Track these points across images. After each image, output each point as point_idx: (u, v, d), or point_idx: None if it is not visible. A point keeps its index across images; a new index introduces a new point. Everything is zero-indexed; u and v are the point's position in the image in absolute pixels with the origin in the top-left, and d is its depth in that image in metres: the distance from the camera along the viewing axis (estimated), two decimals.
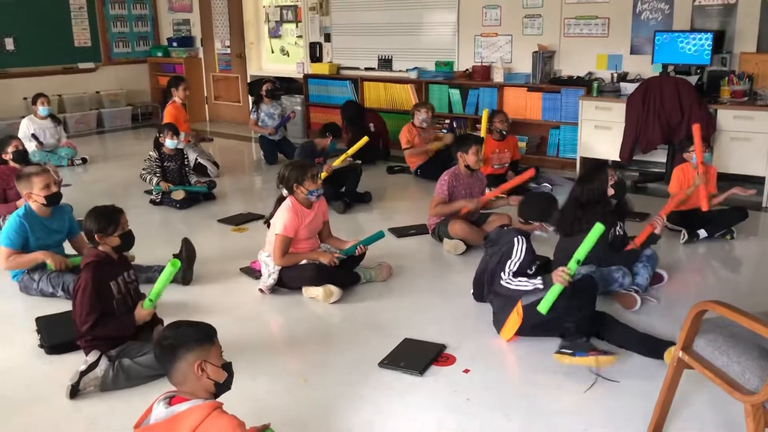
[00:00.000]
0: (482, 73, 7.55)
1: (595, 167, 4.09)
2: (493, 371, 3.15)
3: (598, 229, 3.15)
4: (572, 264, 3.15)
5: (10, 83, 9.29)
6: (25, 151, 5.39)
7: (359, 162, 6.38)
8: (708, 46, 6.04)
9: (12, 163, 5.37)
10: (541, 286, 3.23)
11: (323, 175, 5.88)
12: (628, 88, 6.40)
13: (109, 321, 3.10)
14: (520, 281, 3.30)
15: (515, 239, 3.37)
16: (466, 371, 3.14)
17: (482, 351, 3.32)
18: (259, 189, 6.97)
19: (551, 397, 2.92)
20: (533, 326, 3.29)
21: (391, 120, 8.23)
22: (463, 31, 7.81)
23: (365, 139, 6.12)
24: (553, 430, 2.69)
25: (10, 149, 5.35)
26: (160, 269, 4.21)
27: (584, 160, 6.65)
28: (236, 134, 9.59)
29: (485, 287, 3.62)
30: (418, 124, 6.81)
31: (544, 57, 7.10)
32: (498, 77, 7.44)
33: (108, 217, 3.19)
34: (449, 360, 3.24)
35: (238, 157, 8.47)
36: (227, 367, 2.25)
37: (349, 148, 6.16)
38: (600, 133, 6.54)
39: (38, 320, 3.57)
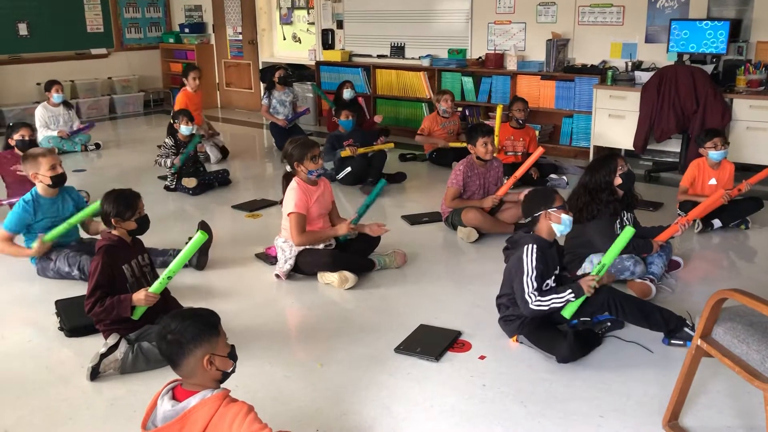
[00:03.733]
0: (495, 61, 7.53)
1: (605, 156, 4.08)
2: (508, 358, 3.16)
3: (628, 232, 3.13)
4: (597, 269, 3.14)
5: (24, 68, 9.34)
6: (30, 142, 5.38)
7: (392, 144, 6.40)
8: (724, 35, 6.00)
9: (16, 150, 5.40)
10: (573, 299, 3.09)
11: (345, 153, 5.92)
12: (643, 76, 6.37)
13: (106, 300, 3.05)
14: (553, 299, 3.10)
15: (524, 249, 3.17)
16: (482, 358, 3.15)
17: (498, 338, 3.33)
18: (271, 176, 6.98)
19: (566, 384, 2.93)
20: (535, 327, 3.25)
21: (404, 108, 8.23)
22: (476, 18, 7.78)
23: (391, 144, 6.23)
24: (569, 417, 2.70)
25: (17, 136, 5.37)
26: (176, 253, 4.24)
27: (597, 149, 6.63)
28: (248, 121, 9.61)
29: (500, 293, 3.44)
30: (441, 113, 6.81)
31: (557, 45, 7.06)
32: (511, 65, 7.42)
33: (126, 202, 3.21)
34: (465, 346, 3.25)
35: (250, 144, 8.48)
36: (232, 353, 2.18)
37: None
38: (614, 122, 6.52)
39: (58, 303, 3.60)
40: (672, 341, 3.20)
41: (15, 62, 9.28)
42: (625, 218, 3.95)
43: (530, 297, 3.09)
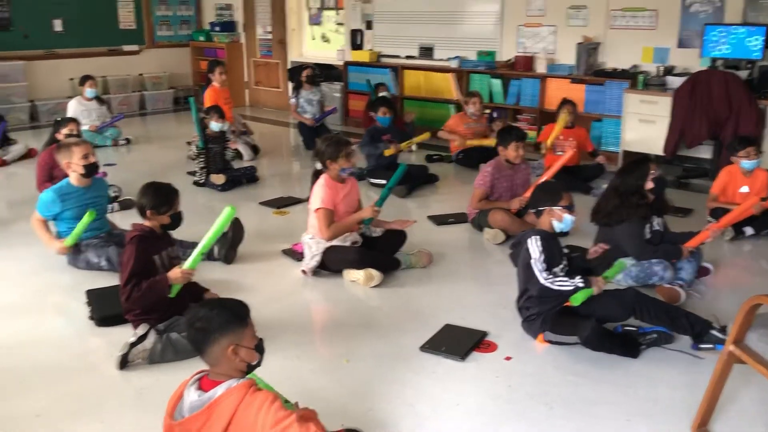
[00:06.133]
0: (525, 63, 7.49)
1: (637, 160, 4.04)
2: (534, 360, 3.15)
3: (620, 265, 3.44)
4: (608, 274, 3.28)
5: (58, 64, 9.49)
6: (77, 136, 5.48)
7: (428, 134, 6.42)
8: (760, 40, 5.90)
9: None
10: (581, 285, 3.15)
11: (389, 152, 5.93)
12: (675, 81, 6.30)
13: (143, 283, 3.09)
14: (561, 281, 3.17)
15: (528, 239, 3.24)
16: (508, 359, 3.14)
17: (524, 340, 3.31)
18: (299, 174, 7.02)
19: (593, 387, 2.91)
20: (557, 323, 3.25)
21: (431, 109, 8.23)
22: (506, 20, 7.75)
23: (428, 134, 6.27)
24: (596, 419, 2.68)
25: (65, 131, 5.46)
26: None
27: (627, 153, 6.56)
28: (275, 119, 9.67)
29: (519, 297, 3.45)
30: (469, 116, 6.79)
31: (588, 49, 7.01)
32: (541, 68, 7.38)
33: (164, 196, 3.26)
34: (490, 347, 3.24)
35: (277, 142, 8.53)
36: (259, 346, 2.19)
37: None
38: (644, 127, 6.45)
39: (89, 293, 3.66)
40: (701, 346, 3.17)
41: (50, 57, 9.44)
42: (655, 223, 3.92)
43: (541, 274, 3.17)
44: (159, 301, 3.16)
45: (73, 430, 2.63)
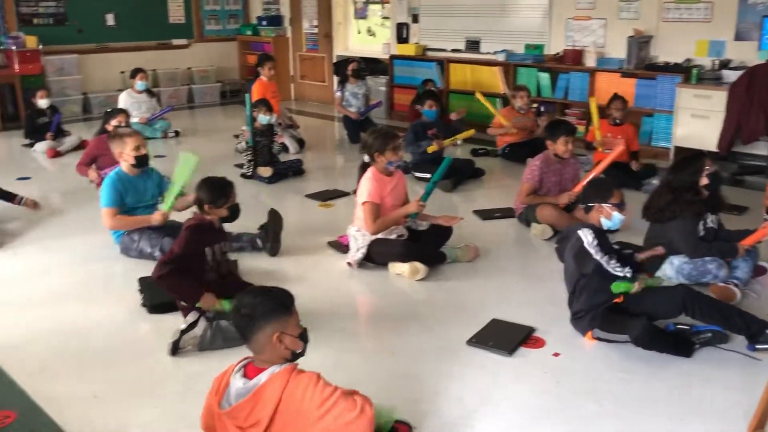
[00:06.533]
0: (573, 57, 7.38)
1: (691, 155, 3.95)
2: (583, 357, 3.10)
3: (658, 280, 3.43)
4: (648, 282, 3.24)
5: (110, 57, 9.71)
6: (127, 127, 5.61)
7: (472, 131, 6.39)
8: None
9: None
10: (629, 275, 3.14)
11: (432, 148, 5.91)
12: (730, 75, 6.12)
13: (183, 278, 3.14)
14: (615, 264, 3.15)
15: (579, 234, 3.19)
16: (556, 355, 3.10)
17: (572, 336, 3.27)
18: (343, 167, 7.05)
19: (644, 385, 2.86)
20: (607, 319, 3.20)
21: (477, 103, 8.14)
22: (555, 13, 7.64)
23: (472, 131, 6.26)
24: (647, 418, 2.63)
25: (114, 122, 5.60)
26: (249, 238, 4.33)
27: (678, 149, 6.40)
28: (320, 113, 9.72)
29: (569, 294, 3.39)
30: (516, 110, 6.73)
31: (639, 42, 6.86)
32: (590, 62, 7.26)
33: (220, 190, 3.32)
34: (538, 342, 3.21)
35: (322, 136, 8.58)
36: (303, 335, 2.21)
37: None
38: (697, 123, 6.29)
39: (141, 281, 3.74)
40: (757, 347, 3.08)
41: (102, 51, 9.67)
42: (709, 220, 3.82)
43: (596, 253, 3.13)
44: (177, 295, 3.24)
45: (129, 412, 2.69)
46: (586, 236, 3.17)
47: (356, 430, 2.03)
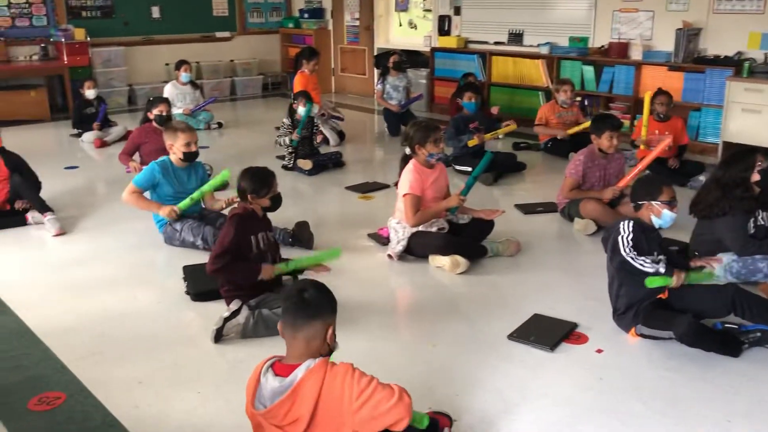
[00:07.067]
0: (619, 50, 7.24)
1: (742, 151, 3.84)
2: (627, 354, 3.05)
3: (709, 275, 3.27)
4: (690, 278, 3.12)
5: (154, 49, 9.88)
6: (168, 117, 5.72)
7: (514, 125, 6.33)
8: None
9: (154, 124, 5.73)
10: (662, 270, 3.04)
11: (472, 142, 5.87)
12: None
13: (236, 265, 3.20)
14: (643, 260, 3.06)
15: (620, 223, 3.16)
16: (599, 351, 3.06)
17: (615, 333, 3.22)
18: (383, 160, 7.06)
19: (690, 384, 2.80)
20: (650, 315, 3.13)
21: (519, 96, 8.08)
22: (600, 6, 7.50)
23: (513, 126, 6.20)
24: (693, 418, 2.58)
25: (156, 111, 5.69)
26: (283, 233, 4.32)
27: (727, 144, 6.24)
28: (360, 106, 9.74)
29: (610, 296, 3.34)
30: (560, 104, 6.63)
31: (688, 34, 6.70)
32: (636, 55, 7.11)
33: (262, 180, 3.35)
34: (581, 339, 3.17)
35: (362, 128, 8.59)
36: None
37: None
38: (748, 117, 6.12)
39: (185, 269, 3.81)
40: None
41: (147, 43, 9.84)
42: (760, 217, 3.71)
43: (624, 248, 3.07)
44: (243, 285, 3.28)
45: (172, 397, 2.74)
46: (624, 229, 3.12)
47: (395, 417, 2.02)
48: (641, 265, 3.06)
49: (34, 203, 4.74)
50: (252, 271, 3.24)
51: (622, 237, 3.10)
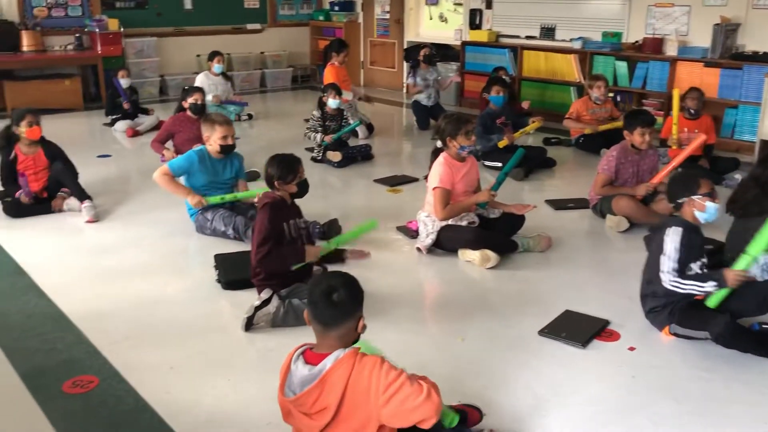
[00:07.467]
0: (653, 45, 7.13)
1: None
2: (660, 353, 3.01)
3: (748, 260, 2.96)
4: (743, 263, 2.95)
5: (186, 41, 9.95)
6: (203, 105, 5.77)
7: (538, 122, 6.29)
8: None
9: (188, 113, 5.78)
10: (712, 290, 2.95)
11: (502, 143, 5.82)
12: None
13: (281, 249, 3.21)
14: (691, 285, 2.96)
15: (666, 231, 3.05)
16: (632, 349, 3.02)
17: (648, 331, 3.17)
18: (412, 153, 7.04)
19: (725, 385, 2.75)
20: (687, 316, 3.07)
21: (551, 91, 8.00)
22: (635, 0, 7.38)
23: (538, 123, 6.17)
24: (729, 420, 2.53)
25: (191, 100, 5.74)
26: (313, 225, 4.31)
27: (765, 143, 6.11)
28: (389, 99, 9.72)
29: (643, 284, 3.28)
30: (593, 100, 6.55)
31: (726, 30, 6.56)
32: (671, 51, 7.00)
33: (288, 166, 3.35)
34: (613, 336, 3.13)
35: (391, 122, 8.58)
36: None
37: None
38: None
39: (217, 257, 3.83)
40: None
41: (179, 35, 9.92)
42: None
43: (667, 274, 2.98)
44: (284, 268, 3.26)
45: (203, 384, 2.77)
46: (670, 245, 2.99)
47: (421, 415, 2.01)
48: (688, 290, 2.97)
49: (74, 191, 4.82)
50: (298, 253, 3.24)
51: (667, 258, 2.99)
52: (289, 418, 2.18)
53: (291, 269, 3.24)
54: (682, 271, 3.00)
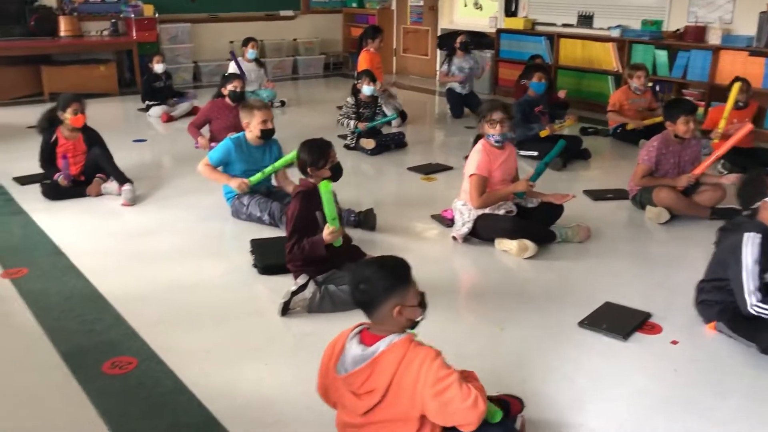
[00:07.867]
0: (695, 34, 6.96)
1: None
2: (704, 346, 2.93)
3: None
4: None
5: (219, 27, 9.98)
6: (242, 93, 5.77)
7: (572, 121, 6.18)
8: None
9: (227, 100, 5.79)
10: None
11: (544, 133, 5.73)
12: None
13: (304, 241, 3.20)
14: (763, 308, 2.79)
15: (744, 237, 2.84)
16: (674, 342, 2.95)
17: (692, 324, 3.10)
18: (446, 141, 6.97)
19: None
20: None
21: (588, 80, 7.87)
22: None
23: (572, 122, 6.07)
24: None
25: (230, 86, 5.75)
26: (347, 213, 4.29)
27: None
28: (422, 87, 9.65)
29: (701, 281, 3.14)
30: (633, 90, 6.41)
31: None
32: (714, 39, 6.82)
33: (320, 151, 3.33)
34: (654, 329, 3.06)
35: (424, 109, 8.51)
36: (422, 302, 2.14)
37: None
38: None
39: (253, 242, 3.83)
40: None
41: (213, 21, 9.95)
42: None
43: (749, 297, 2.80)
44: (319, 256, 3.24)
45: (239, 368, 2.77)
46: (748, 256, 2.80)
47: (464, 420, 1.98)
48: (762, 311, 2.79)
49: (115, 175, 4.87)
50: (318, 243, 3.20)
51: (748, 273, 2.79)
52: (333, 394, 2.17)
53: (327, 254, 3.22)
54: (763, 289, 2.82)
